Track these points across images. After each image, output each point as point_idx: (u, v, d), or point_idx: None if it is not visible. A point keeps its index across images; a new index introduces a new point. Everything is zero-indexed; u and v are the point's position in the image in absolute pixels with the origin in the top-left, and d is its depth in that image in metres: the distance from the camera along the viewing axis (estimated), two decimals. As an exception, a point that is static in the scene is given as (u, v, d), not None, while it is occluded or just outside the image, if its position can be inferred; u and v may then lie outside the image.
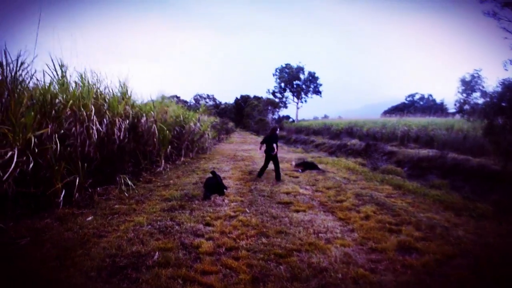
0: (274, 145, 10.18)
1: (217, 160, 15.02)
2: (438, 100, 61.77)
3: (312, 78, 67.83)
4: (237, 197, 7.51)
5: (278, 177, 10.03)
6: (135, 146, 10.01)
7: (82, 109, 7.20)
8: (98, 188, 7.48)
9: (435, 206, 7.19)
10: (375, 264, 4.18)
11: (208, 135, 18.93)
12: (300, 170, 11.96)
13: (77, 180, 6.55)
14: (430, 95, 65.11)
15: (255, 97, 74.41)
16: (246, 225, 5.53)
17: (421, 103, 63.98)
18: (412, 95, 66.78)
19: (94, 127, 7.45)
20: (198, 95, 77.41)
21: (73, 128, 6.90)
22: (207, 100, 78.38)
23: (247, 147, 23.15)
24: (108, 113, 8.34)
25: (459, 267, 4.13)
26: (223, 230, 5.23)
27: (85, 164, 6.93)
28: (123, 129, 8.66)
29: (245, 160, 14.82)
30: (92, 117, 7.45)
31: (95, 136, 7.45)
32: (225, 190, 7.98)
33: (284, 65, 69.04)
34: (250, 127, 60.86)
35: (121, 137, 8.65)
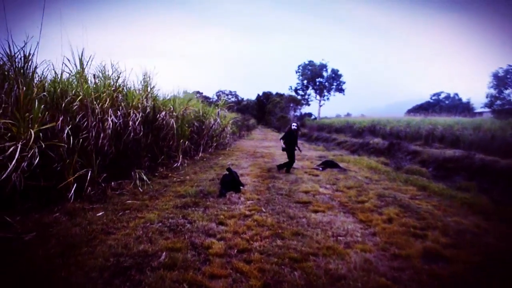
0: (282, 141, 11.00)
1: (236, 156, 14.79)
2: (464, 99, 60.02)
3: (335, 75, 66.90)
4: (253, 195, 7.24)
5: (279, 167, 10.88)
6: (152, 140, 9.87)
7: (95, 102, 7.04)
8: (113, 183, 7.33)
9: (463, 209, 6.73)
10: (398, 272, 3.82)
11: (228, 130, 18.75)
12: (321, 168, 11.60)
13: (89, 174, 6.39)
14: (456, 94, 63.13)
15: (277, 94, 74.07)
16: (261, 225, 5.24)
17: (447, 102, 62.07)
18: (438, 94, 64.87)
19: (110, 119, 7.32)
20: (220, 91, 77.42)
21: (87, 121, 6.74)
22: (229, 96, 78.28)
23: (267, 143, 22.89)
24: (123, 105, 8.22)
25: (490, 278, 3.74)
26: (236, 230, 4.96)
27: (99, 158, 6.79)
28: (137, 122, 8.48)
29: (264, 157, 14.55)
30: (106, 109, 7.32)
31: (109, 128, 7.33)
32: (241, 188, 7.73)
33: (307, 62, 68.29)
34: (271, 124, 60.58)
35: (137, 130, 8.50)
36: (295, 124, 11.50)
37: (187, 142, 12.05)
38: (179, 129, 11.49)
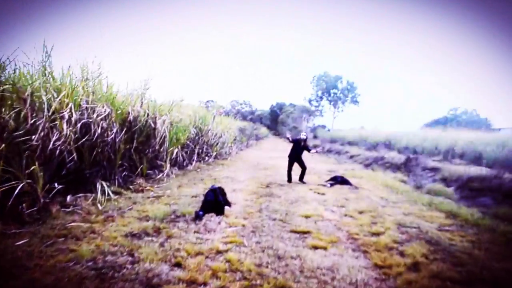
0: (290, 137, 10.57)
1: (236, 167, 13.27)
2: (481, 116, 58.23)
3: (351, 87, 65.48)
4: (238, 220, 5.70)
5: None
6: (132, 146, 8.48)
7: (46, 94, 5.70)
8: (68, 197, 5.92)
9: (510, 248, 5.11)
10: None
11: (227, 138, 17.28)
12: (329, 185, 10.05)
13: (20, 187, 4.93)
14: (474, 110, 61.14)
15: (290, 104, 72.91)
16: (234, 270, 3.70)
17: (464, 117, 60.05)
18: (455, 109, 62.81)
19: (71, 118, 6.01)
20: (235, 101, 76.62)
21: (27, 118, 5.35)
22: (243, 105, 77.61)
23: (275, 154, 21.30)
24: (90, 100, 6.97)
25: None
26: (194, 278, 3.42)
27: (43, 166, 5.37)
28: (102, 121, 7.10)
29: (267, 169, 12.99)
30: (63, 105, 6.01)
31: (69, 129, 6.01)
32: (227, 207, 6.24)
33: (322, 74, 67.05)
34: (283, 134, 59.38)
35: (106, 133, 7.16)
36: (305, 133, 10.41)
37: (177, 150, 10.58)
38: (173, 136, 10.14)
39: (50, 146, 5.69)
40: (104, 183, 6.56)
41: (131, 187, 7.59)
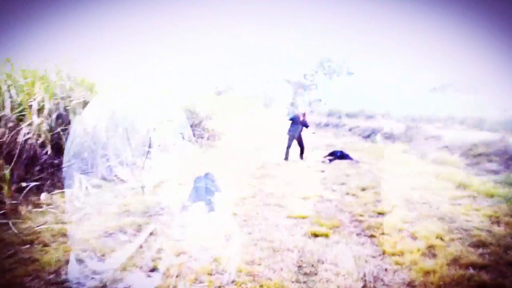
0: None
1: (228, 148, 12.65)
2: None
3: (345, 61, 64.81)
4: (229, 207, 5.18)
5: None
6: (116, 134, 7.94)
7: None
8: (43, 194, 5.39)
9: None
10: None
11: (227, 117, 16.71)
12: (328, 161, 9.55)
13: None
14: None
15: (285, 80, 72.23)
16: (220, 272, 3.18)
17: (462, 83, 59.56)
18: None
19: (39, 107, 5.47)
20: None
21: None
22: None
23: (271, 131, 20.70)
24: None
25: None
26: (173, 287, 2.91)
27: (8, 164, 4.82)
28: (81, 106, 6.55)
29: (262, 149, 12.42)
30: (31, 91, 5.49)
31: (37, 121, 5.48)
32: (218, 193, 5.71)
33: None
34: (279, 111, 58.96)
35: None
36: (303, 108, 10.57)
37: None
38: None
39: (21, 140, 5.15)
40: (83, 177, 6.01)
41: (115, 177, 7.04)
